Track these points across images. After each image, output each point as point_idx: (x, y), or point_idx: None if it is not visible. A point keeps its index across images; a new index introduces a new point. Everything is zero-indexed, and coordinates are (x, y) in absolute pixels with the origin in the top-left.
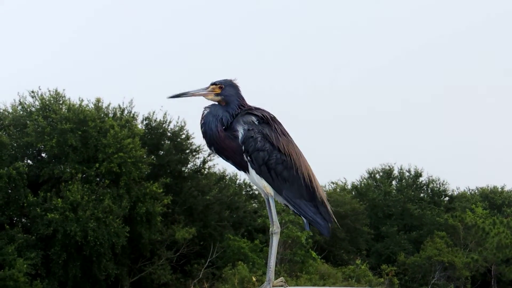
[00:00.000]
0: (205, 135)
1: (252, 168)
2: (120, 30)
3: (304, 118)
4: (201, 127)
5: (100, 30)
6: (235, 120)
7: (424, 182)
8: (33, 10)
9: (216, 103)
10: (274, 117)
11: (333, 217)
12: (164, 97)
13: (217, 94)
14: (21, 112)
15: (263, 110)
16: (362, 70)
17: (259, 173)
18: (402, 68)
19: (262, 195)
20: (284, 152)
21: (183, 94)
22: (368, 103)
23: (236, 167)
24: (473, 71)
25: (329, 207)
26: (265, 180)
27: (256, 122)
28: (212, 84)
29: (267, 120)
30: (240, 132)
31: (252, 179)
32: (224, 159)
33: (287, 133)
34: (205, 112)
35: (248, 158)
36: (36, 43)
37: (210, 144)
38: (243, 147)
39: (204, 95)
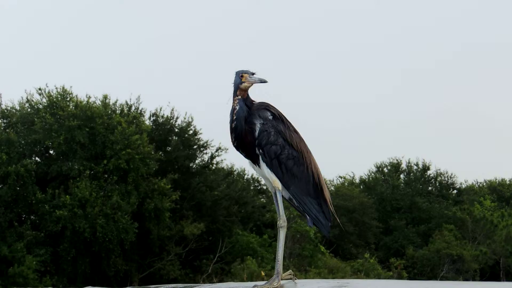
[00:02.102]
0: (236, 129)
1: (264, 161)
2: (126, 26)
3: (313, 113)
4: (232, 122)
5: (106, 25)
6: (251, 114)
7: (432, 175)
8: (38, 6)
9: (239, 97)
10: (285, 116)
11: (336, 216)
12: (170, 93)
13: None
14: (29, 110)
15: (277, 109)
16: (370, 62)
17: (270, 166)
18: (409, 60)
19: (270, 189)
20: (296, 149)
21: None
22: (376, 96)
23: (251, 161)
24: (480, 64)
25: (331, 207)
26: (274, 174)
27: (271, 118)
28: (247, 72)
29: (281, 118)
30: (257, 126)
31: (262, 173)
32: (240, 152)
33: (298, 132)
34: (237, 107)
35: (260, 151)
36: (42, 40)
37: (236, 138)
38: (256, 141)
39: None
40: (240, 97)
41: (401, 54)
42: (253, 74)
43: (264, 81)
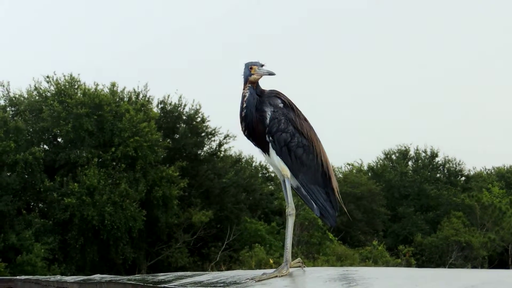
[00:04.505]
0: (246, 118)
1: (273, 148)
2: (133, 13)
3: (321, 101)
4: (243, 110)
5: (113, 13)
6: (261, 102)
7: (440, 162)
8: None
9: (250, 85)
10: (295, 105)
11: (343, 205)
12: (179, 80)
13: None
14: (37, 97)
15: (287, 97)
16: (379, 49)
17: (279, 154)
18: (418, 47)
19: (279, 177)
20: (306, 137)
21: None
22: (384, 84)
23: (261, 150)
24: (490, 51)
25: (338, 197)
26: (284, 162)
27: (282, 106)
28: (256, 64)
29: (291, 106)
30: (268, 114)
31: (271, 161)
32: (251, 141)
33: (308, 121)
34: (247, 94)
35: (271, 138)
36: (51, 29)
37: (247, 127)
38: (267, 129)
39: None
40: (250, 85)
41: (409, 43)
42: (262, 66)
43: (272, 74)
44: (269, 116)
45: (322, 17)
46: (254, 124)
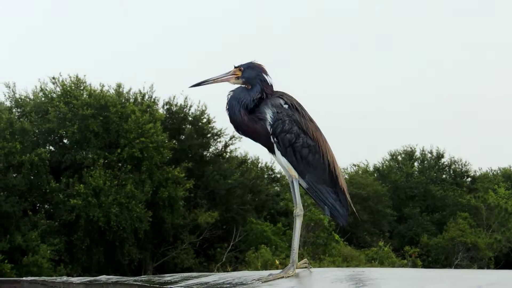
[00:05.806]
0: (230, 119)
1: (278, 149)
2: (136, 13)
3: (323, 101)
4: (226, 112)
5: (116, 12)
6: (263, 103)
7: (446, 163)
8: None
9: (243, 86)
10: (301, 105)
11: (352, 206)
12: (184, 81)
13: (237, 77)
14: (42, 99)
15: (293, 98)
16: (380, 47)
17: (284, 155)
18: (419, 47)
19: (287, 177)
20: (311, 137)
21: (204, 82)
22: (387, 84)
23: (266, 148)
24: (497, 51)
25: (348, 196)
26: (289, 162)
27: (286, 106)
28: (236, 67)
29: (295, 106)
30: (269, 115)
31: (278, 161)
32: (253, 140)
33: (314, 121)
34: (229, 96)
35: (275, 139)
36: (56, 29)
37: (236, 127)
38: (271, 130)
39: (226, 80)
40: (243, 85)
41: (413, 44)
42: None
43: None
44: (271, 117)
45: (334, 15)
46: (244, 124)
